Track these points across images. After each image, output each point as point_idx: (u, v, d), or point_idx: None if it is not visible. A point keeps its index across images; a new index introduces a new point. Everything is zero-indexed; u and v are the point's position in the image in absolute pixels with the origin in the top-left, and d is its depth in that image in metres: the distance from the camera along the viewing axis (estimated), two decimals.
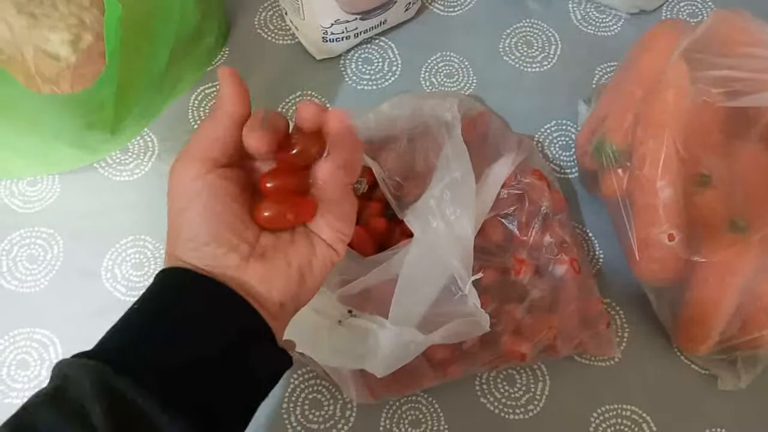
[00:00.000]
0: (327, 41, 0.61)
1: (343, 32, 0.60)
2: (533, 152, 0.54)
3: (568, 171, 0.60)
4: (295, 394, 0.53)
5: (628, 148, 0.50)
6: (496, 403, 0.53)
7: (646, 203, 0.48)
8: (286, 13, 0.63)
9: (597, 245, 0.57)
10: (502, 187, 0.49)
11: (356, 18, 0.59)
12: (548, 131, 0.62)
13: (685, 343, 0.52)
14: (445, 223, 0.45)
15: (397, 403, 0.53)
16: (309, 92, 0.63)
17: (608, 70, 0.64)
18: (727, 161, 0.49)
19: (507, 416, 0.52)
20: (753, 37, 0.51)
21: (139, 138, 0.60)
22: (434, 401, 0.53)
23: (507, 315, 0.49)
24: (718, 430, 0.52)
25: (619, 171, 0.50)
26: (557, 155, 0.61)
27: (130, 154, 0.60)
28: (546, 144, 0.61)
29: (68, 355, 0.33)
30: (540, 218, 0.50)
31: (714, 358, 0.52)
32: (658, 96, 0.48)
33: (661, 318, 0.53)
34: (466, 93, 0.63)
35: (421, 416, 0.52)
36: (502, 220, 0.51)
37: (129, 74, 0.42)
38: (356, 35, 0.62)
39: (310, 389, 0.53)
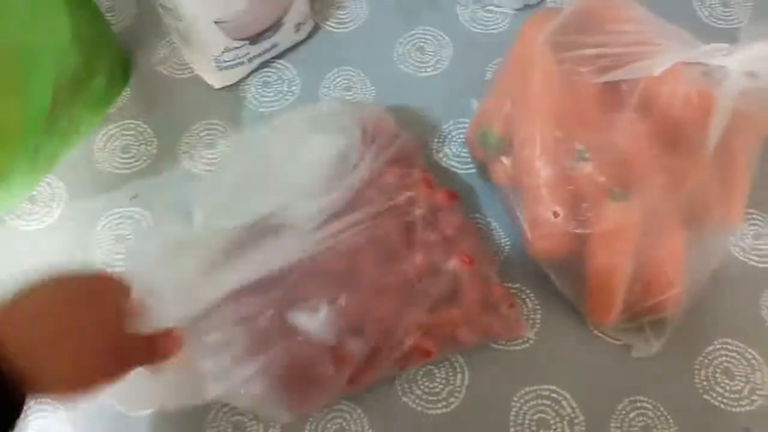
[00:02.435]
0: (221, 69, 0.62)
1: (235, 59, 0.62)
2: (415, 153, 0.56)
3: (469, 166, 0.62)
4: (215, 423, 0.53)
5: (509, 135, 0.52)
6: (417, 401, 0.53)
7: (529, 184, 0.50)
8: (181, 48, 0.65)
9: (501, 233, 0.58)
10: (383, 190, 0.50)
11: (245, 43, 0.61)
12: (447, 130, 0.63)
13: (592, 316, 0.53)
14: None
15: (321, 414, 0.53)
16: (213, 121, 0.65)
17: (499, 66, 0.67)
18: (603, 134, 0.50)
19: (430, 411, 0.53)
20: (619, 13, 0.53)
21: (44, 185, 0.61)
22: (357, 407, 0.53)
23: (409, 318, 0.49)
24: (638, 397, 0.53)
25: (503, 158, 0.52)
26: (457, 152, 0.62)
27: (37, 203, 0.61)
28: (446, 143, 0.63)
29: None
30: (424, 218, 0.51)
31: (623, 327, 0.54)
32: (528, 81, 0.50)
33: (566, 295, 0.54)
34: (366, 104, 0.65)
35: (345, 424, 0.53)
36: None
37: None
38: (250, 60, 0.63)
39: (232, 412, 0.53)
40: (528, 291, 0.57)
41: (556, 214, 0.49)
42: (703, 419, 0.52)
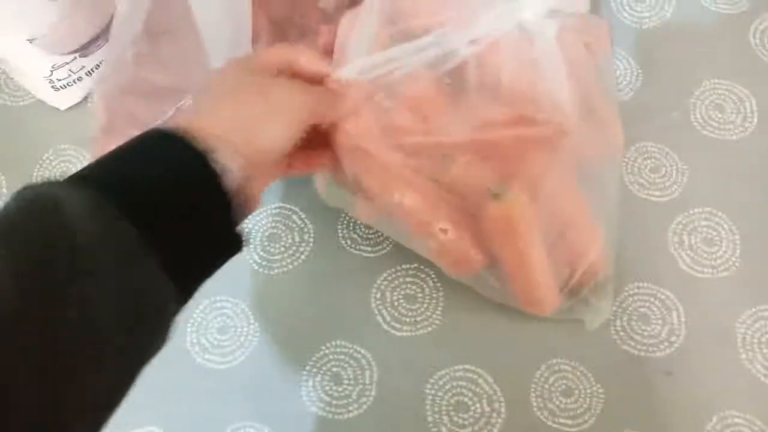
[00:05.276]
0: (59, 88, 0.56)
1: (70, 75, 0.55)
2: None
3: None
4: None
5: (353, 176, 0.45)
6: (327, 408, 0.50)
7: (404, 214, 0.45)
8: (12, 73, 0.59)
9: None
10: None
11: (75, 57, 0.55)
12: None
13: (535, 310, 0.50)
14: None
15: None
16: (64, 146, 0.59)
17: None
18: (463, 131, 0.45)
19: (341, 416, 0.50)
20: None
21: None
22: (264, 428, 0.50)
23: None
24: (555, 360, 0.50)
25: (362, 199, 0.47)
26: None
27: None
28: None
29: None
30: None
31: (567, 307, 0.49)
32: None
33: (499, 300, 0.50)
34: None
35: None
36: None
37: None
38: (88, 74, 0.57)
39: None
40: (428, 270, 0.53)
41: (444, 232, 0.45)
42: (625, 370, 0.50)
